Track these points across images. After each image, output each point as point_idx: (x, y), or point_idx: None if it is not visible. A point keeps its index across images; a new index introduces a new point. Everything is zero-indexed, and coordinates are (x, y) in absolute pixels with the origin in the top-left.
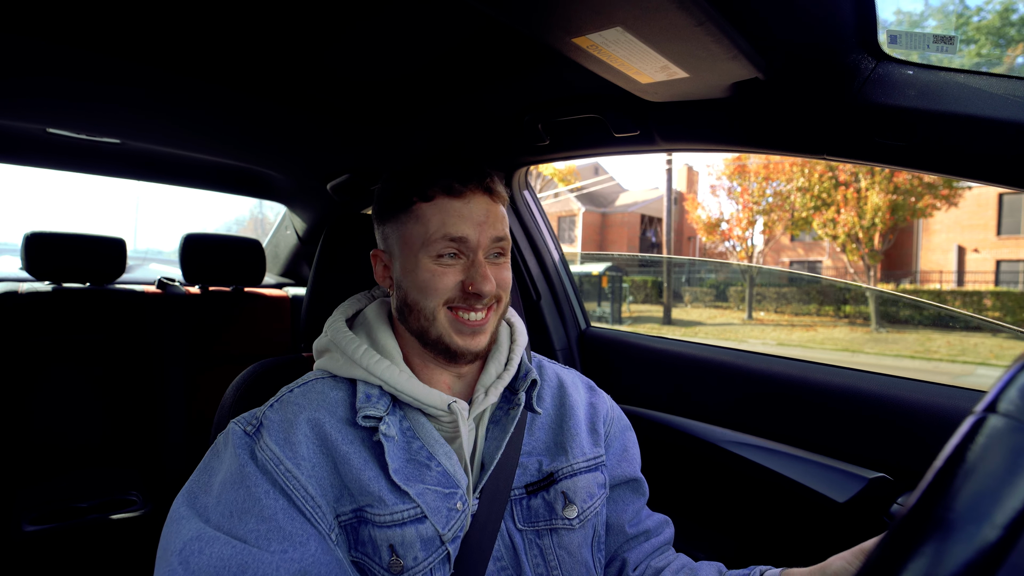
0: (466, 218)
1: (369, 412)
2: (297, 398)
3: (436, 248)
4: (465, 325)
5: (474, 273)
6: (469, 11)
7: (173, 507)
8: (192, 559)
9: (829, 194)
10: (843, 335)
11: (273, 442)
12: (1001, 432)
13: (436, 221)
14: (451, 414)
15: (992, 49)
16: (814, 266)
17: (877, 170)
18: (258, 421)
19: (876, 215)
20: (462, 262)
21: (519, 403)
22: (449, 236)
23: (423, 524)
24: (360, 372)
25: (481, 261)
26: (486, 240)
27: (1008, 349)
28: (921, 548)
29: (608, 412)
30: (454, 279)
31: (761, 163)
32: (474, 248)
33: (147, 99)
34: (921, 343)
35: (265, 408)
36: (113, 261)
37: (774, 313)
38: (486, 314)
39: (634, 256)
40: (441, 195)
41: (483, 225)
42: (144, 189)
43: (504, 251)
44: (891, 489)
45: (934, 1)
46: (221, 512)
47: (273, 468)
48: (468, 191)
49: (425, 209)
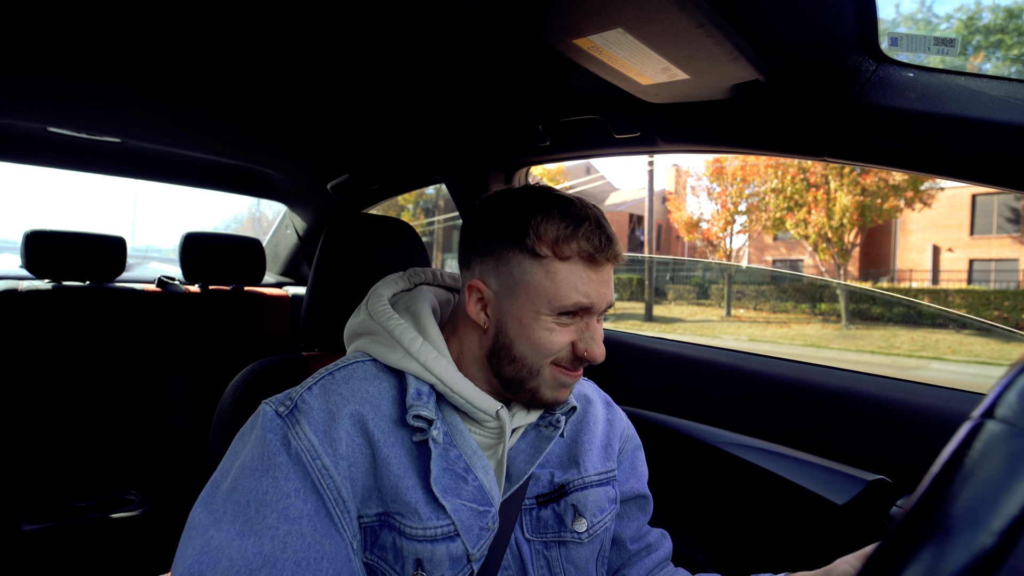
0: (593, 287)
1: (421, 412)
2: (340, 385)
3: (560, 309)
4: (570, 378)
5: (588, 338)
6: (470, 12)
7: (193, 509)
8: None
9: (801, 195)
10: (814, 331)
11: (312, 432)
12: (999, 438)
13: (568, 284)
14: (497, 420)
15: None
16: (796, 264)
17: (846, 172)
18: (293, 403)
19: (844, 216)
20: (577, 323)
21: (555, 425)
22: (580, 305)
23: (454, 543)
24: (415, 367)
25: (596, 327)
26: (603, 305)
27: (966, 344)
28: (918, 554)
29: (624, 430)
30: (567, 339)
31: (738, 165)
32: (593, 314)
33: (147, 98)
34: (886, 339)
35: (302, 391)
36: (113, 259)
37: (752, 310)
38: (580, 372)
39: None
40: (579, 260)
41: (604, 294)
42: (142, 187)
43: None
44: (890, 491)
45: (904, 8)
46: (237, 502)
47: (308, 461)
48: (602, 261)
49: (559, 267)
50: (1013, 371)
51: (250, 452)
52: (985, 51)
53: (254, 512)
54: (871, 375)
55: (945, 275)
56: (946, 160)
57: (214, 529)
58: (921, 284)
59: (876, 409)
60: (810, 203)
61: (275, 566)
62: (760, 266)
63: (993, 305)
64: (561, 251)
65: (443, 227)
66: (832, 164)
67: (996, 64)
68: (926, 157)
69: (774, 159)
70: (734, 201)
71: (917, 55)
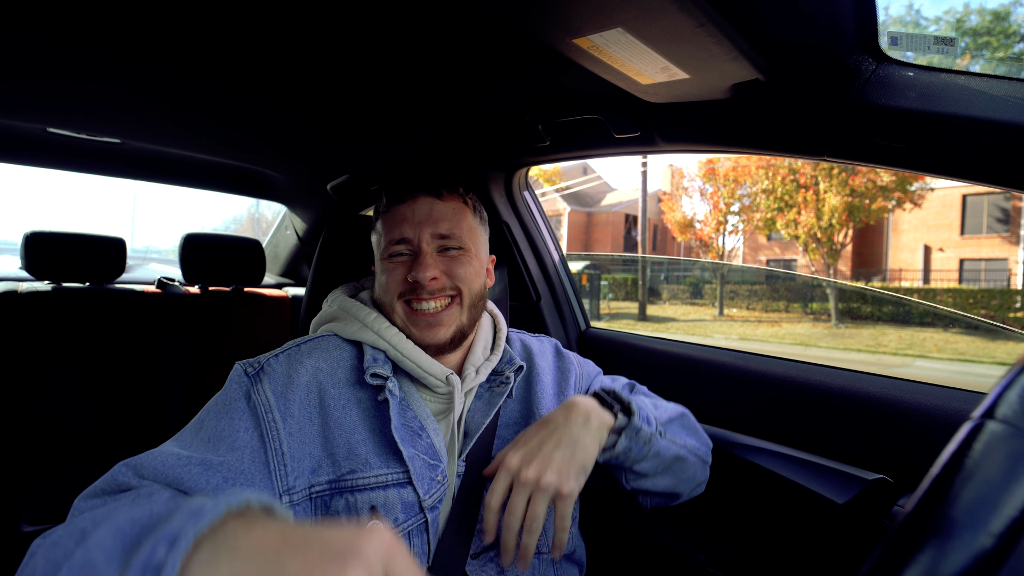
0: (408, 219)
1: (377, 371)
2: (304, 356)
3: (388, 250)
4: (419, 316)
5: (414, 265)
6: (469, 12)
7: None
8: (145, 461)
9: (791, 196)
10: (804, 330)
11: (271, 390)
12: (999, 438)
13: (387, 227)
14: (447, 386)
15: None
16: (789, 264)
17: (835, 173)
18: (259, 365)
19: (833, 216)
20: (411, 260)
21: (506, 382)
22: (393, 239)
23: (405, 489)
24: (370, 336)
25: (424, 253)
26: (427, 235)
27: (952, 343)
28: (918, 556)
29: (576, 373)
30: (402, 274)
31: (730, 166)
32: (417, 245)
33: (147, 99)
34: (874, 337)
35: (270, 356)
36: (113, 261)
37: (745, 310)
38: (445, 306)
39: (615, 255)
40: (392, 204)
41: (424, 223)
42: (141, 187)
43: (455, 246)
44: (891, 491)
45: (893, 11)
46: (200, 437)
47: (262, 414)
48: (412, 194)
49: (383, 220)
50: (1013, 371)
51: (216, 399)
52: (972, 53)
53: (211, 445)
54: (872, 374)
55: (936, 275)
56: (946, 159)
57: (176, 447)
58: (912, 283)
59: (877, 408)
60: (800, 204)
61: (208, 468)
62: (753, 266)
63: (980, 304)
64: (381, 208)
65: None
66: (823, 165)
67: (983, 66)
68: (926, 156)
69: (765, 160)
70: (726, 202)
71: (917, 55)
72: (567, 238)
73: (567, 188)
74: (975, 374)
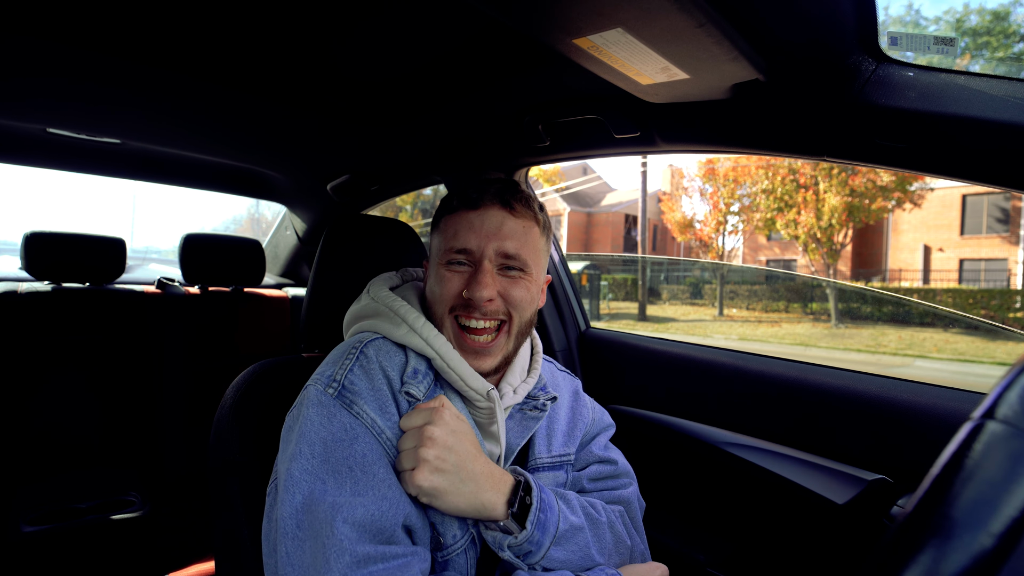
0: (475, 229)
1: (411, 390)
2: (372, 363)
3: (446, 257)
4: (467, 342)
5: (472, 281)
6: (470, 12)
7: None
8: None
9: (791, 196)
10: (804, 330)
11: (371, 409)
12: (999, 438)
13: (450, 231)
14: (488, 401)
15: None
16: (789, 264)
17: (835, 173)
18: (340, 384)
19: (833, 216)
20: (468, 272)
21: (541, 408)
22: (455, 248)
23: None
24: (417, 341)
25: (485, 270)
26: (491, 251)
27: (952, 343)
28: (918, 555)
29: (588, 422)
30: (458, 285)
31: (729, 166)
32: (478, 259)
33: (147, 99)
34: (874, 338)
35: (343, 371)
36: (113, 261)
37: (745, 310)
38: (494, 336)
39: (615, 256)
40: (461, 208)
41: (492, 237)
42: (141, 188)
43: (517, 267)
44: (891, 491)
45: (893, 11)
46: (336, 470)
47: (376, 435)
48: (484, 203)
49: (447, 221)
50: (1013, 371)
51: (324, 428)
52: (972, 53)
53: (361, 473)
54: (871, 374)
55: (936, 275)
56: (946, 159)
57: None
58: (912, 284)
59: (877, 408)
60: (800, 204)
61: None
62: (753, 266)
63: (980, 304)
64: (450, 208)
65: None
66: (822, 165)
67: (983, 66)
68: (926, 156)
69: (765, 160)
70: (726, 202)
71: (917, 55)
72: (567, 238)
73: (567, 188)
74: (975, 374)
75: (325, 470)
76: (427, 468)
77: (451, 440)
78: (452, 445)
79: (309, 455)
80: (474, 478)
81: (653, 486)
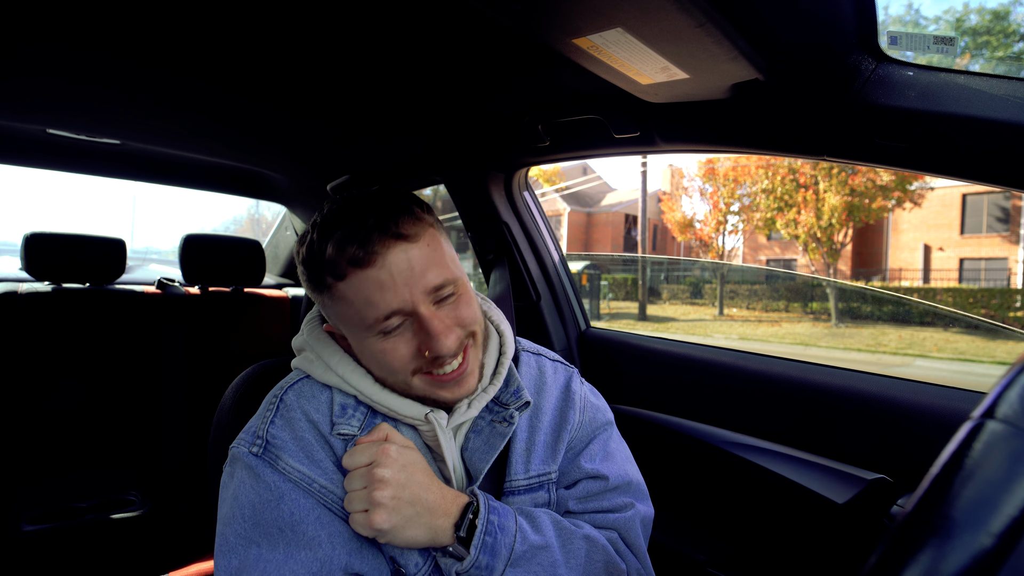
0: (388, 286)
1: (343, 430)
2: (293, 411)
3: (375, 330)
4: (444, 382)
5: (425, 336)
6: (469, 12)
7: (216, 560)
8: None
9: (791, 196)
10: (804, 330)
11: (297, 462)
12: (999, 438)
13: (360, 302)
14: (428, 423)
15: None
16: (789, 264)
17: (835, 173)
18: (263, 441)
19: (833, 216)
20: (410, 326)
21: (509, 420)
22: (380, 317)
23: None
24: (335, 379)
25: (429, 318)
26: (419, 295)
27: (952, 342)
28: (918, 555)
29: (575, 423)
30: (409, 349)
31: (730, 166)
32: (411, 311)
33: (147, 100)
34: (874, 337)
35: (266, 426)
36: (113, 261)
37: (745, 309)
38: (463, 359)
39: (615, 256)
40: (351, 269)
41: (409, 283)
42: (141, 188)
43: (450, 291)
44: (891, 490)
45: (893, 11)
46: (267, 532)
47: (306, 487)
48: (376, 252)
49: (343, 289)
50: (1014, 370)
51: (252, 491)
52: (972, 52)
53: (291, 533)
54: (872, 374)
55: (936, 274)
56: (946, 159)
57: (259, 560)
58: (912, 283)
59: (877, 408)
60: (800, 203)
61: (331, 563)
62: (753, 265)
63: (980, 303)
64: (335, 273)
65: None
66: (822, 164)
67: (983, 66)
68: (926, 156)
69: (765, 160)
70: (726, 202)
71: (916, 54)
72: (567, 238)
73: (567, 188)
74: (975, 373)
75: (257, 533)
76: (383, 511)
77: (402, 476)
78: (404, 482)
79: (240, 519)
80: (429, 508)
81: (653, 486)
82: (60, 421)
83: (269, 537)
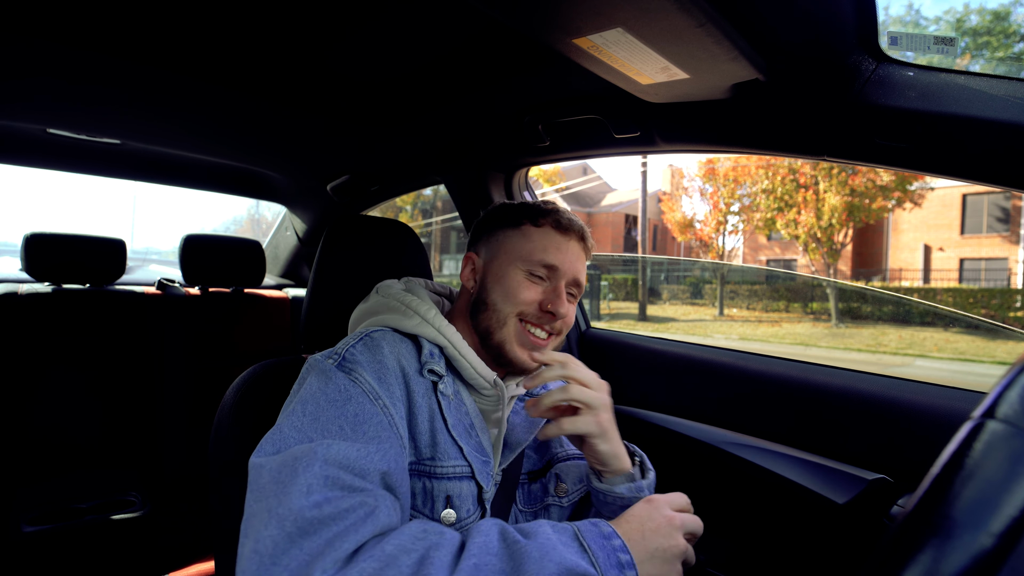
0: (564, 252)
1: (434, 367)
2: (379, 344)
3: (531, 265)
4: (531, 339)
5: (554, 296)
6: (470, 12)
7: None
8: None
9: (791, 196)
10: (804, 330)
11: (370, 377)
12: (999, 438)
13: (540, 243)
14: (493, 389)
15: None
16: (790, 264)
17: (835, 173)
18: (340, 355)
19: (833, 216)
20: (546, 285)
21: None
22: (545, 262)
23: (470, 482)
24: (429, 331)
25: (562, 290)
26: (571, 276)
27: (952, 342)
28: (918, 555)
29: None
30: (535, 296)
31: (730, 166)
32: (558, 279)
33: (147, 99)
34: (875, 337)
35: (346, 347)
36: (113, 262)
37: (745, 310)
38: (547, 340)
39: (615, 256)
40: (550, 227)
41: (573, 265)
42: (141, 188)
43: (577, 295)
44: (891, 490)
45: (893, 11)
46: (325, 428)
47: (374, 400)
48: (571, 233)
49: (533, 232)
50: (1014, 370)
51: (320, 391)
52: (972, 53)
53: (350, 430)
54: (872, 374)
55: (936, 274)
56: (946, 159)
57: (315, 446)
58: (912, 283)
59: (877, 408)
60: (800, 204)
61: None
62: (753, 266)
63: (980, 303)
64: (536, 219)
65: (441, 228)
66: (822, 165)
67: (983, 66)
68: (926, 156)
69: (765, 160)
70: (726, 202)
71: (917, 54)
72: None
73: (567, 188)
74: (975, 373)
75: (314, 428)
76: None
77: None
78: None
79: (301, 413)
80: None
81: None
82: (60, 422)
83: (326, 433)
